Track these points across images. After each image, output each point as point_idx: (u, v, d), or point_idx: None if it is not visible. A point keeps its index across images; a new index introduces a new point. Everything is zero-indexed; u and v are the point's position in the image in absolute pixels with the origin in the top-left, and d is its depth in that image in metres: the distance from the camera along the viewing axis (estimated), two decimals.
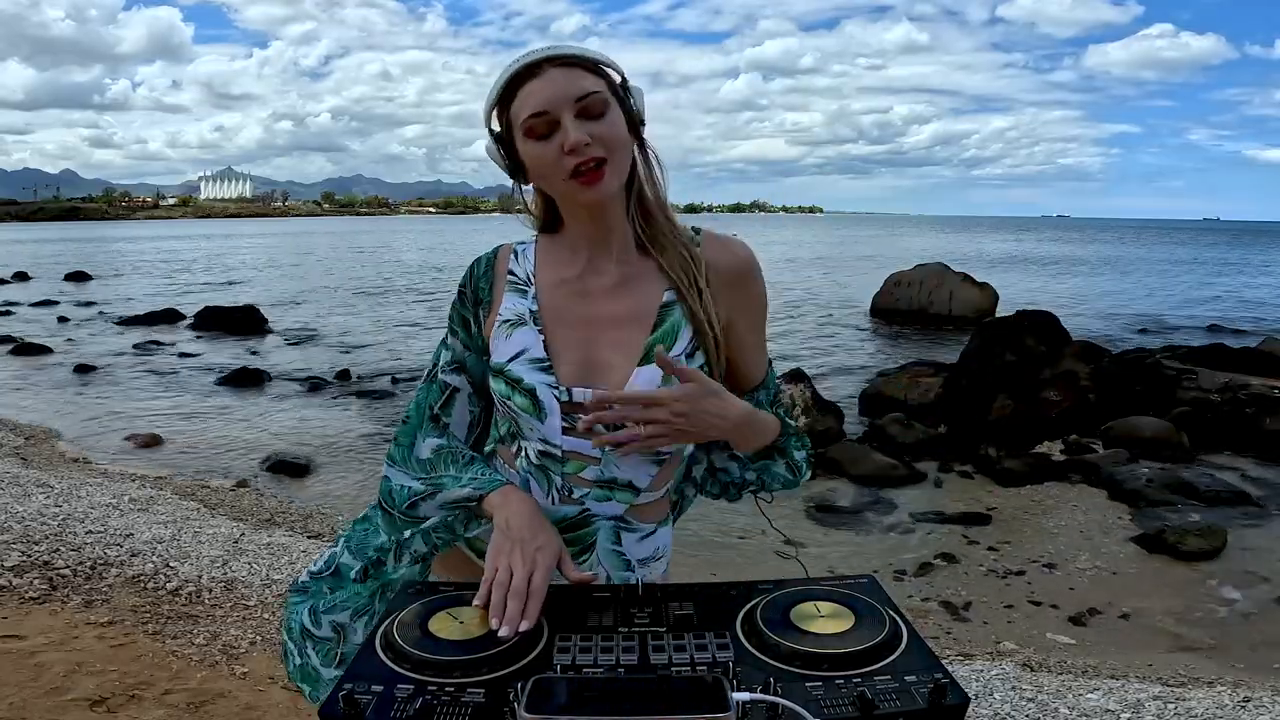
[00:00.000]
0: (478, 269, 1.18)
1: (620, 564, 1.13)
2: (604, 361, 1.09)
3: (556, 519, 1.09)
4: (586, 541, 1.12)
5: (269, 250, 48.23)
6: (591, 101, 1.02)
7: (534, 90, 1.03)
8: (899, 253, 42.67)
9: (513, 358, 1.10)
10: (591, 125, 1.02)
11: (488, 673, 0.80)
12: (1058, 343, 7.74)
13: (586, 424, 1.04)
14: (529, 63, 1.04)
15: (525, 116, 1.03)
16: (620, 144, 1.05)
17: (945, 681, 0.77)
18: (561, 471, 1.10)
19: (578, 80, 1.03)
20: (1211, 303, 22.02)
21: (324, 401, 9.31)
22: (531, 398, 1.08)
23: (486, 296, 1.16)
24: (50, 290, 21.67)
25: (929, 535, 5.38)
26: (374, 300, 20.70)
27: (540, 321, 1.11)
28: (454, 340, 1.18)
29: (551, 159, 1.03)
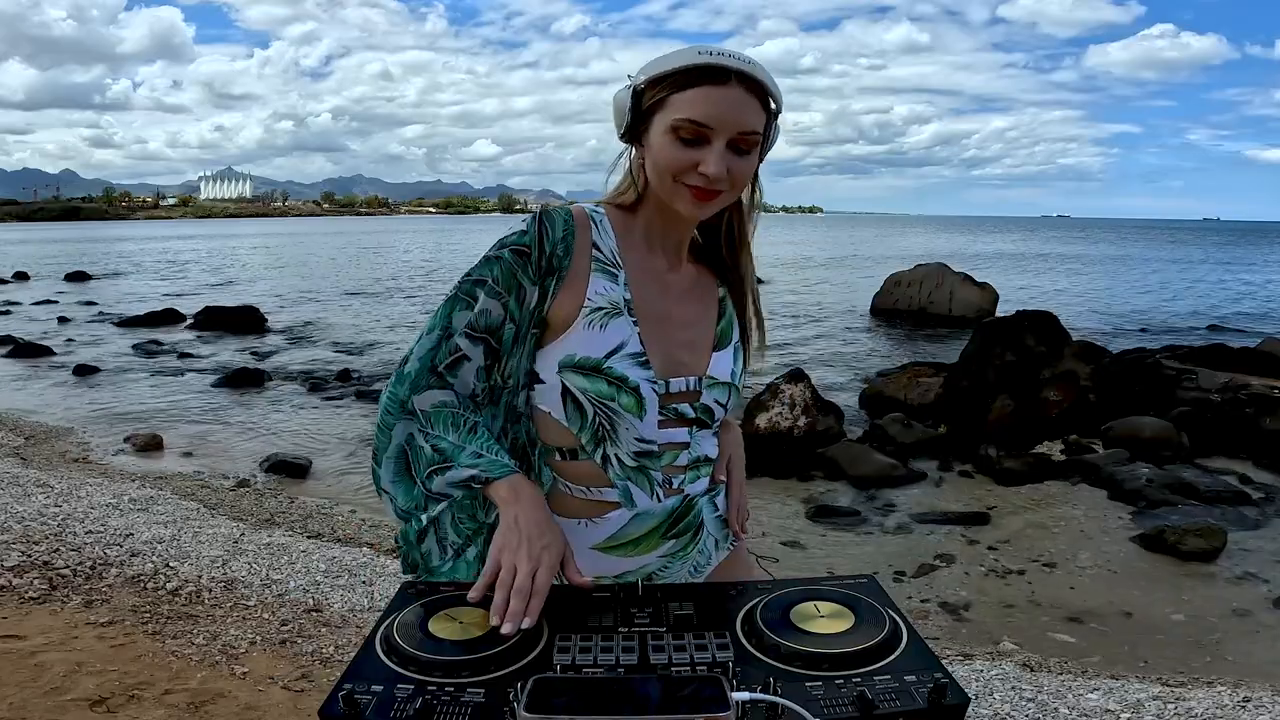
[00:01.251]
0: (553, 230, 1.03)
1: (720, 525, 1.19)
2: (680, 356, 1.12)
3: (666, 515, 1.11)
4: (695, 524, 1.15)
5: (269, 250, 48.22)
6: (748, 138, 1.02)
7: (708, 97, 0.99)
8: (899, 253, 42.67)
9: (610, 353, 1.03)
10: (735, 160, 1.02)
11: (488, 673, 0.80)
12: (1058, 343, 7.74)
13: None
14: (720, 65, 0.99)
15: (684, 117, 1.00)
16: (745, 183, 1.07)
17: (945, 681, 0.77)
18: (659, 466, 1.09)
19: (751, 111, 1.01)
20: (1211, 302, 22.02)
21: (324, 401, 9.30)
22: (636, 396, 1.04)
23: (564, 266, 1.03)
24: (50, 290, 21.66)
25: (929, 535, 5.38)
26: (374, 300, 20.70)
27: (635, 312, 1.07)
28: (493, 304, 1.03)
29: (682, 165, 1.01)
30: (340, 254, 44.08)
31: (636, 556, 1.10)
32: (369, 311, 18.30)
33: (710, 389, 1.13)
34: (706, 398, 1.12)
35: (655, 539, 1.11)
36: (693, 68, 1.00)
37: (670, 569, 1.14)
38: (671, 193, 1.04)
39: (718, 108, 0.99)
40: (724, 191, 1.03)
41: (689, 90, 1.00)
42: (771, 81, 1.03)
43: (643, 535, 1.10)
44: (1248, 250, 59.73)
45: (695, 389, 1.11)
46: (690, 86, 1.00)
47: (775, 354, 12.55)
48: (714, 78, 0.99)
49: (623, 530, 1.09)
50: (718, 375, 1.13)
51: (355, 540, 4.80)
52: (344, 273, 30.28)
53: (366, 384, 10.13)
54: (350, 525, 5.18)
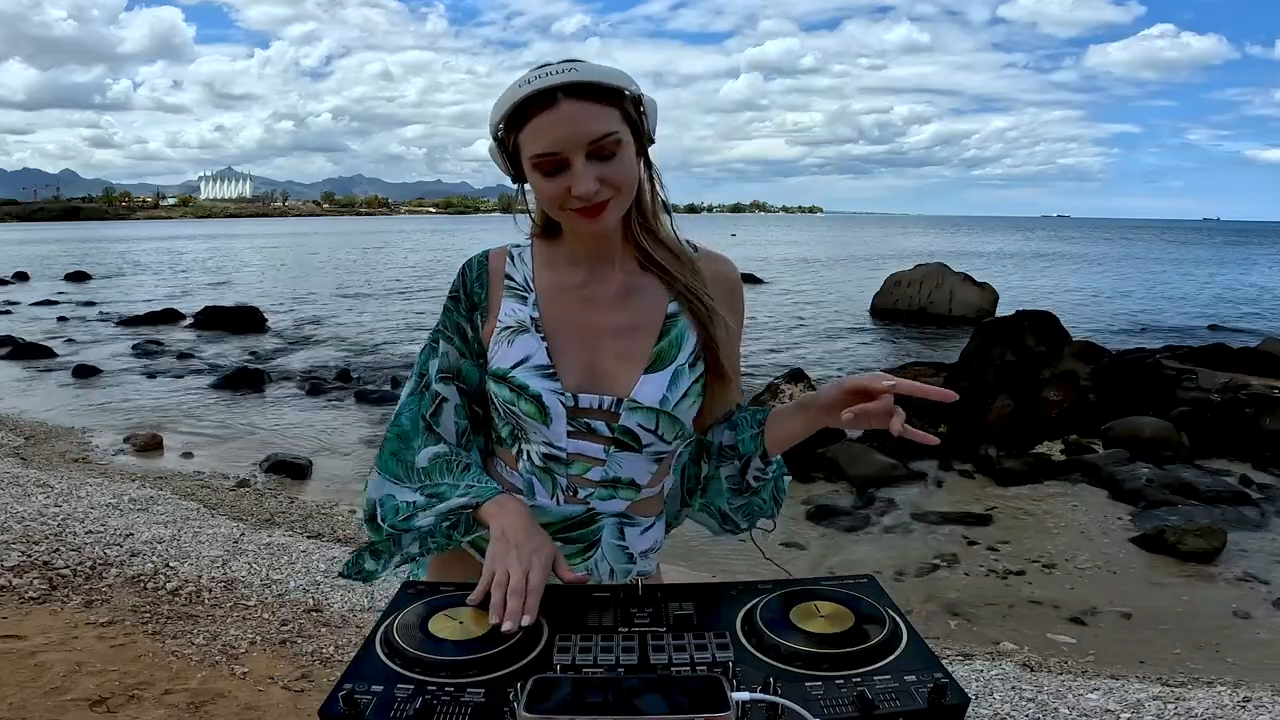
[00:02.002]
0: (470, 273, 1.16)
1: (623, 557, 1.15)
2: (607, 369, 1.11)
3: (562, 518, 1.12)
4: (591, 538, 1.13)
5: (269, 250, 48.23)
6: (604, 144, 1.00)
7: (545, 126, 0.99)
8: (899, 253, 42.68)
9: (516, 364, 1.10)
10: (602, 167, 1.01)
11: (488, 673, 0.80)
12: (1058, 342, 7.74)
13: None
14: (541, 89, 0.99)
15: (534, 153, 1.01)
16: (629, 181, 1.04)
17: (945, 681, 0.77)
18: (566, 473, 1.12)
19: (592, 119, 0.99)
20: (1211, 303, 22.03)
21: (324, 402, 9.30)
22: (537, 404, 1.09)
23: (483, 301, 1.15)
24: (50, 290, 21.68)
25: (929, 536, 5.38)
26: (374, 300, 20.70)
27: (542, 328, 1.11)
28: (448, 347, 1.16)
29: (556, 195, 1.02)
30: (340, 254, 44.09)
31: None
32: (369, 312, 18.31)
33: (632, 412, 1.09)
34: (628, 420, 1.09)
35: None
36: (520, 102, 1.00)
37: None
38: (565, 220, 1.07)
39: (556, 132, 0.99)
40: (610, 199, 1.02)
41: (527, 126, 1.00)
42: (606, 74, 1.01)
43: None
44: (1248, 250, 59.74)
45: (611, 409, 1.09)
46: (527, 121, 1.00)
47: (775, 354, 12.56)
48: (542, 104, 0.99)
49: None
50: (641, 399, 1.09)
51: (355, 540, 4.80)
52: (344, 273, 30.29)
53: (366, 384, 10.14)
54: (350, 525, 5.18)
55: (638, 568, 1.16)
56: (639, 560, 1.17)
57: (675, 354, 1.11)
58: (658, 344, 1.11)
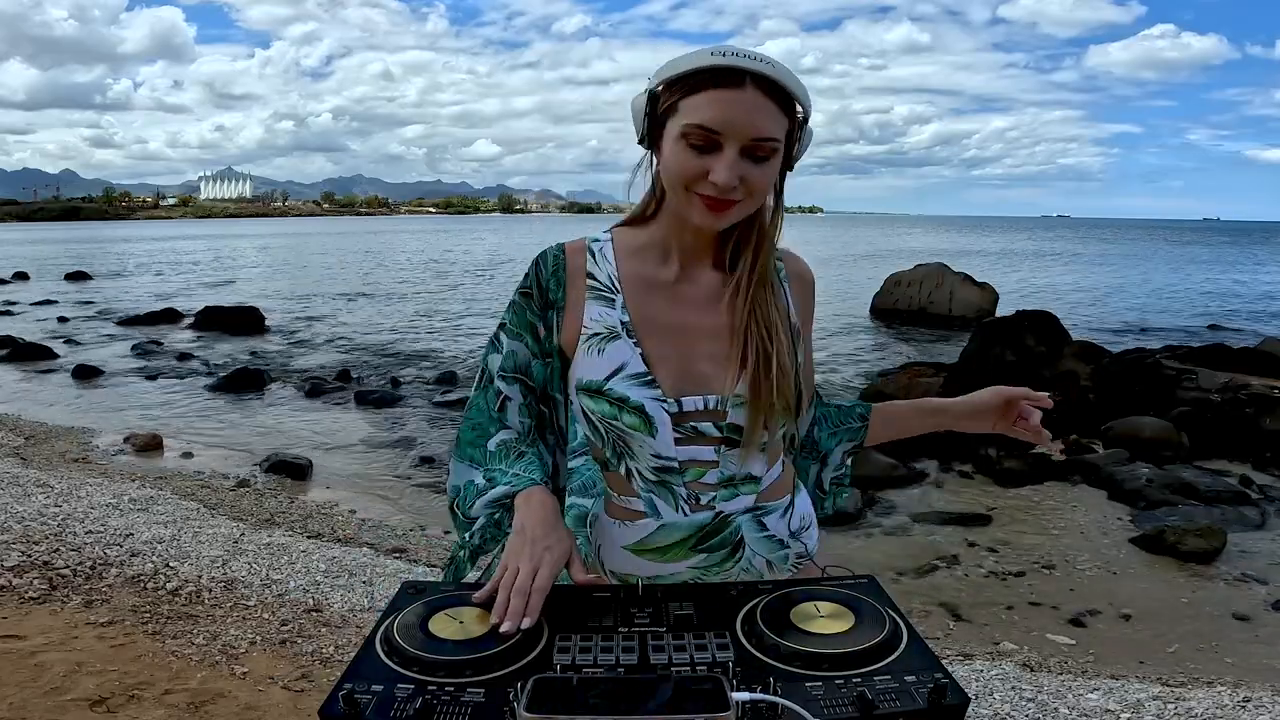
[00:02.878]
0: (544, 268, 1.10)
1: (775, 546, 1.14)
2: (703, 371, 1.08)
3: (694, 529, 1.08)
4: (732, 540, 1.10)
5: (269, 250, 48.24)
6: (764, 145, 0.97)
7: (720, 100, 0.95)
8: (899, 252, 42.69)
9: (610, 375, 1.05)
10: (749, 168, 0.97)
11: (488, 672, 0.80)
12: (1058, 342, 7.75)
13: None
14: (733, 66, 0.95)
15: (693, 122, 0.96)
16: (764, 191, 1.01)
17: (945, 681, 0.77)
18: (682, 481, 1.08)
19: (766, 115, 0.96)
20: (1211, 303, 22.03)
21: (324, 402, 9.30)
22: (641, 415, 1.05)
23: (559, 300, 1.09)
24: (50, 290, 21.68)
25: (929, 536, 5.38)
26: (374, 301, 20.70)
27: (634, 332, 1.07)
28: (515, 344, 1.11)
29: (692, 173, 0.98)
30: (340, 254, 44.09)
31: (666, 563, 1.11)
32: (369, 312, 18.31)
33: (738, 407, 1.07)
34: (734, 416, 1.07)
35: (683, 550, 1.10)
36: (704, 69, 0.96)
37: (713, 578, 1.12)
38: (685, 202, 1.01)
39: (728, 112, 0.95)
40: (740, 201, 0.99)
41: (700, 94, 0.96)
42: (794, 83, 0.98)
43: (670, 545, 1.10)
44: (1248, 250, 59.75)
45: (719, 408, 1.07)
46: (701, 90, 0.96)
47: None
48: (727, 81, 0.95)
49: (650, 537, 1.10)
50: (745, 392, 1.07)
51: (355, 540, 4.80)
52: (344, 273, 30.28)
53: (366, 385, 10.14)
54: (350, 525, 5.19)
55: (793, 550, 1.15)
56: (792, 543, 1.15)
57: None
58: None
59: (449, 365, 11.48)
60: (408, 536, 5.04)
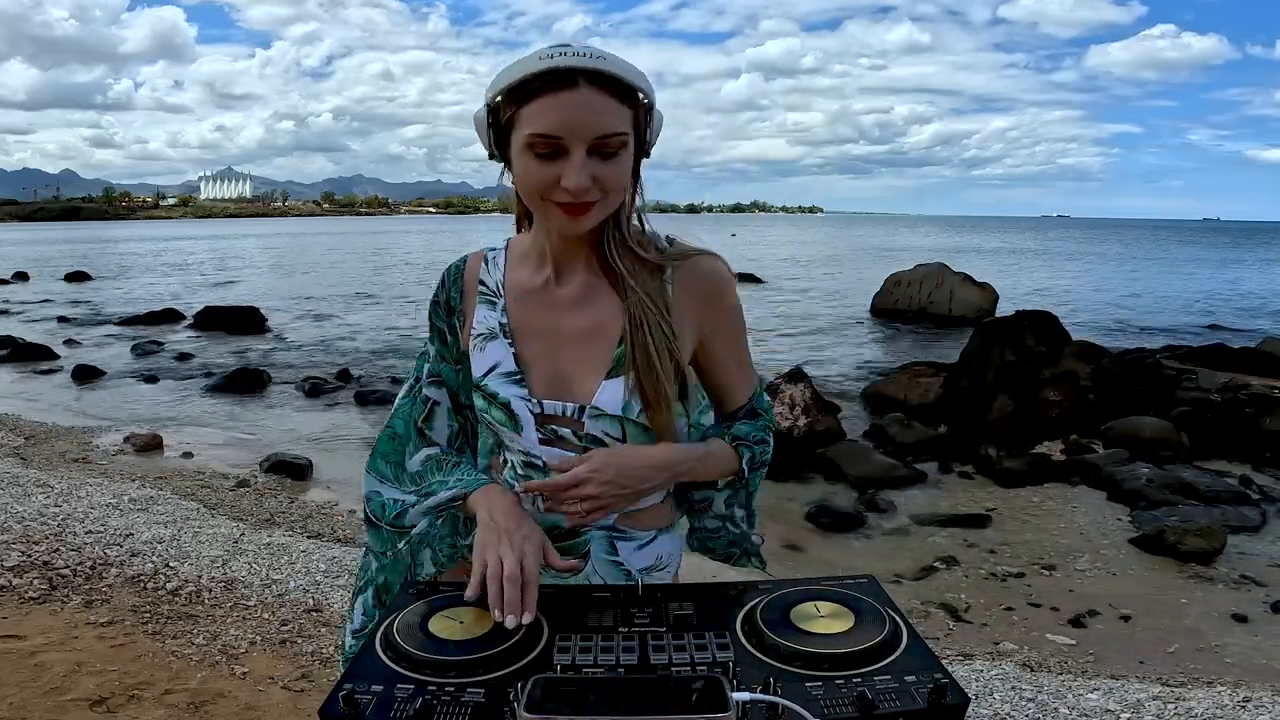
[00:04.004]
0: (448, 279, 1.16)
1: (619, 574, 1.12)
2: (570, 374, 1.09)
3: (545, 527, 1.07)
4: (579, 551, 1.12)
5: (269, 251, 48.23)
6: (610, 141, 0.95)
7: (556, 107, 0.93)
8: (899, 252, 42.67)
9: (487, 372, 1.10)
10: (599, 166, 0.95)
11: (488, 672, 0.80)
12: (1058, 342, 7.74)
13: (547, 504, 1.07)
14: (564, 68, 0.92)
15: (535, 132, 0.94)
16: (620, 186, 0.99)
17: (945, 681, 0.77)
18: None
19: (606, 112, 0.94)
20: (1211, 302, 22.02)
21: (324, 402, 9.30)
22: (507, 411, 1.09)
23: (458, 306, 1.15)
24: (50, 290, 21.67)
25: (929, 537, 5.37)
26: (374, 301, 20.70)
27: (510, 334, 1.11)
28: (433, 349, 1.18)
29: (542, 181, 0.96)
30: (340, 254, 44.09)
31: None
32: (369, 312, 18.30)
33: (596, 419, 1.06)
34: (592, 428, 1.06)
35: None
36: (535, 75, 0.93)
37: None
38: (543, 212, 1.00)
39: (567, 116, 0.92)
40: (598, 201, 0.97)
41: (535, 101, 0.93)
42: (630, 72, 0.95)
43: None
44: (1248, 250, 59.74)
45: (574, 416, 1.07)
46: (535, 97, 0.93)
47: (775, 354, 12.55)
48: (559, 83, 0.92)
49: None
50: (603, 406, 1.05)
51: (355, 540, 4.80)
52: (344, 273, 30.28)
53: (366, 385, 10.13)
54: (350, 525, 5.18)
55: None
56: (640, 577, 1.12)
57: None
58: (619, 348, 1.06)
59: None
60: None
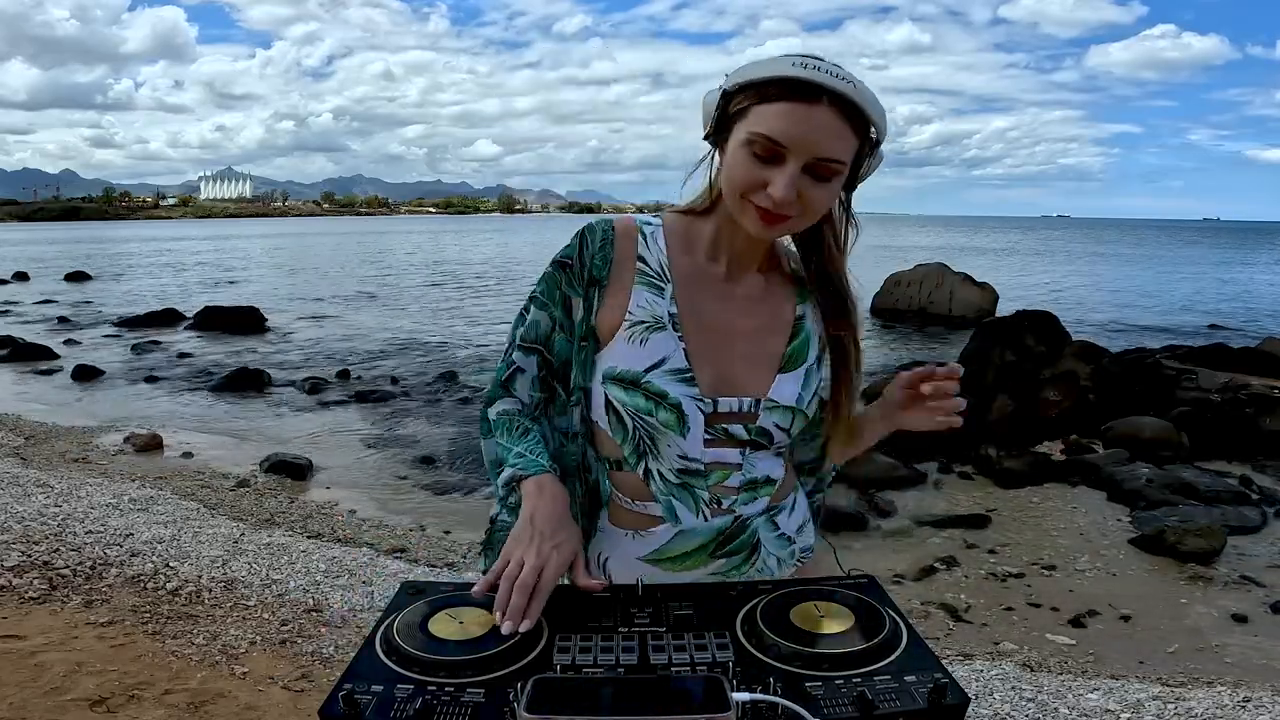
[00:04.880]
0: (591, 242, 1.06)
1: (784, 544, 1.15)
2: (737, 371, 1.07)
3: (713, 534, 1.07)
4: (750, 543, 1.10)
5: (269, 250, 48.23)
6: (829, 166, 0.94)
7: (791, 115, 0.92)
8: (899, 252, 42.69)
9: (651, 368, 1.02)
10: (809, 185, 0.95)
11: (488, 673, 0.80)
12: (1057, 342, 7.74)
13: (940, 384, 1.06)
14: (812, 81, 0.92)
15: (760, 132, 0.93)
16: (821, 211, 1.00)
17: (945, 681, 0.77)
18: (706, 485, 1.06)
19: (836, 137, 0.93)
20: (1211, 302, 22.02)
21: (324, 402, 9.30)
22: (676, 412, 1.02)
23: (604, 277, 1.05)
24: (50, 290, 21.66)
25: (929, 537, 5.37)
26: (374, 301, 20.69)
27: (680, 326, 1.04)
28: (542, 315, 1.07)
29: (750, 181, 0.96)
30: (340, 254, 44.08)
31: (683, 572, 1.08)
32: (369, 312, 18.30)
33: (770, 412, 1.06)
34: (765, 420, 1.06)
35: (703, 557, 1.08)
36: (782, 79, 0.92)
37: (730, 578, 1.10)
38: (739, 208, 0.99)
39: (798, 128, 0.92)
40: (793, 217, 0.97)
41: (773, 104, 0.93)
42: (872, 106, 0.95)
43: (689, 552, 1.07)
44: (1248, 250, 59.73)
45: (750, 410, 1.06)
46: (776, 100, 0.93)
47: None
48: (803, 94, 0.92)
49: (667, 545, 1.07)
50: (779, 399, 1.07)
51: (355, 540, 4.80)
52: (344, 273, 30.28)
53: (366, 384, 10.14)
54: (350, 525, 5.19)
55: (799, 545, 1.16)
56: (798, 538, 1.16)
57: (807, 354, 1.11)
58: (790, 344, 1.09)
59: (449, 365, 11.47)
60: (408, 536, 5.04)
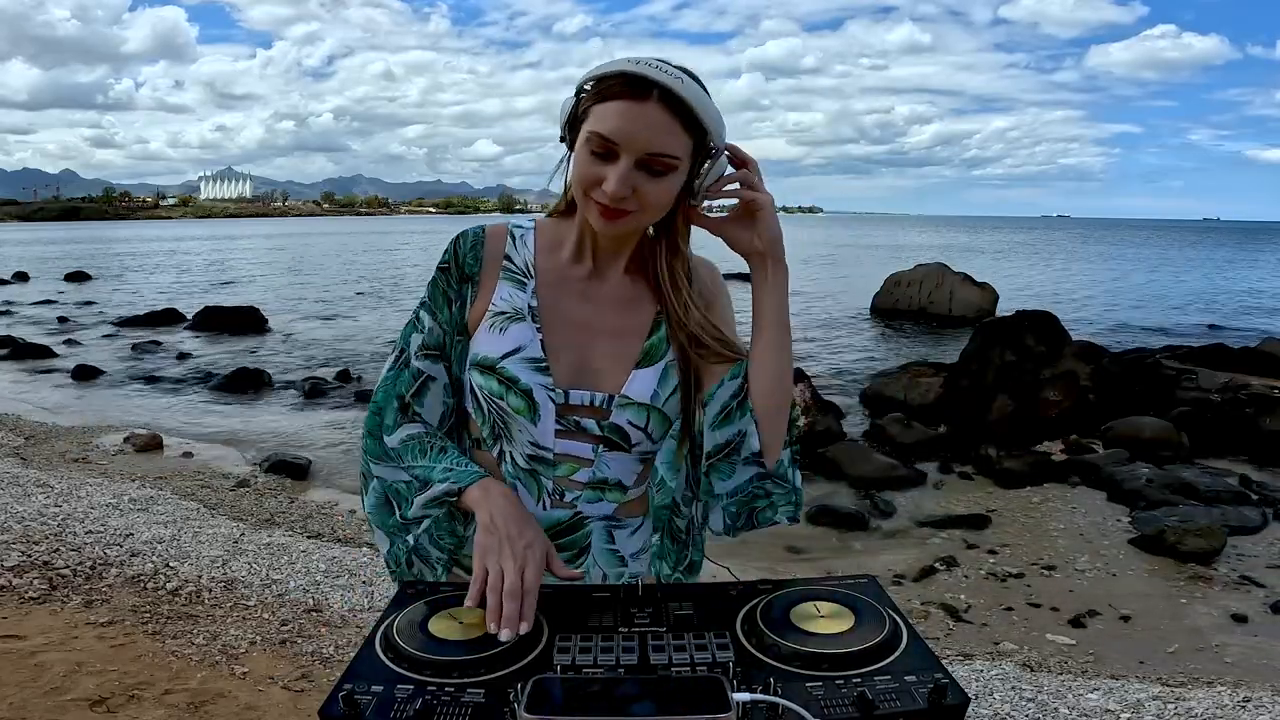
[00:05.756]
0: (464, 243, 1.12)
1: (614, 561, 1.13)
2: (597, 367, 1.09)
3: (548, 524, 1.08)
4: (581, 544, 1.11)
5: (269, 250, 48.24)
6: (661, 160, 0.98)
7: (621, 112, 0.96)
8: (899, 252, 42.66)
9: (506, 354, 1.06)
10: (644, 180, 0.98)
11: (488, 673, 0.80)
12: (1057, 342, 7.74)
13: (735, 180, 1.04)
14: (642, 76, 0.96)
15: (595, 130, 0.97)
16: (659, 207, 1.02)
17: (945, 681, 0.77)
18: (553, 475, 1.09)
19: (664, 132, 0.97)
20: (1212, 302, 22.02)
21: (324, 402, 9.30)
22: (527, 399, 1.06)
23: (475, 274, 1.11)
24: (50, 290, 21.66)
25: (929, 537, 5.37)
26: (375, 300, 20.70)
27: (539, 318, 1.08)
28: (431, 321, 1.11)
29: (588, 178, 1.00)
30: (340, 255, 44.08)
31: None
32: (369, 312, 18.30)
33: (623, 409, 1.07)
34: (617, 417, 1.07)
35: None
36: (616, 76, 0.97)
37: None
38: (584, 205, 1.03)
39: (627, 125, 0.96)
40: (634, 211, 1.00)
41: (608, 103, 0.97)
42: (702, 104, 0.98)
43: None
44: (1248, 250, 59.73)
45: (602, 406, 1.07)
46: (610, 98, 0.97)
47: None
48: (633, 92, 0.95)
49: None
50: (632, 395, 1.07)
51: (355, 540, 4.80)
52: (344, 273, 30.28)
53: (366, 385, 10.13)
54: (350, 525, 5.18)
55: (629, 570, 1.14)
56: (630, 563, 1.14)
57: (664, 350, 1.10)
58: (647, 340, 1.10)
59: None
60: None
